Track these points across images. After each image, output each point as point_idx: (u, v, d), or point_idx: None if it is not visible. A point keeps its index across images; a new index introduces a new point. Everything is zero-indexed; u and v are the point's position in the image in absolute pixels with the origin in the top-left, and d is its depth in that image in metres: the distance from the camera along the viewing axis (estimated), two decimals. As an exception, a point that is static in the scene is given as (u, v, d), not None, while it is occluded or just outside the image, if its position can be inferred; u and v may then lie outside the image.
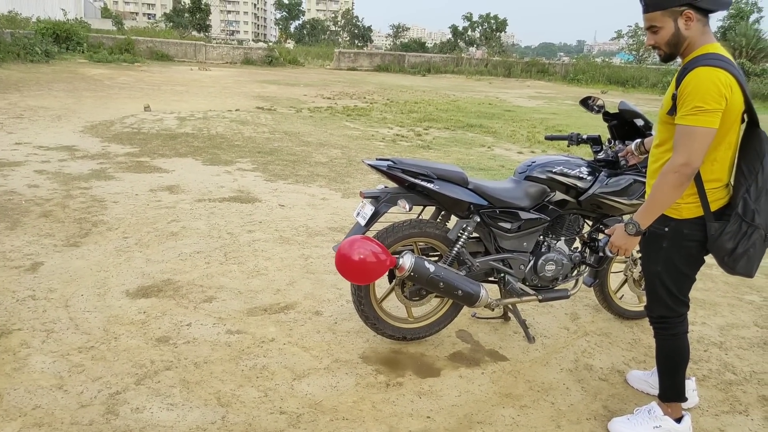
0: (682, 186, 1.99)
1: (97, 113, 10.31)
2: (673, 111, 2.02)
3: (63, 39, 22.57)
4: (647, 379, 2.73)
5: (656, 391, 2.49)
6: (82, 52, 22.69)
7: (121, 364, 2.65)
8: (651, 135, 2.95)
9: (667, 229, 2.15)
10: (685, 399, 2.38)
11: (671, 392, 2.35)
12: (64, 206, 4.92)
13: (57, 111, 10.23)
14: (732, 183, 2.13)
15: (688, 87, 1.95)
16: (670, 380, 2.34)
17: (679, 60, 2.11)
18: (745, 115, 2.03)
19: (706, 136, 1.93)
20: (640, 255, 3.26)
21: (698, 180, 2.06)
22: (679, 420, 2.35)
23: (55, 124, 8.91)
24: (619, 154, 2.97)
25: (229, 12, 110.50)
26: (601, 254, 3.12)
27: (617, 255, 2.30)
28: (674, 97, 2.01)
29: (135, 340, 2.87)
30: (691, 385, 2.52)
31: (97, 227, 4.45)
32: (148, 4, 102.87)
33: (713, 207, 2.08)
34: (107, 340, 2.85)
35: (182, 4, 51.13)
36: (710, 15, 2.03)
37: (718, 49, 2.00)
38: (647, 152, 2.80)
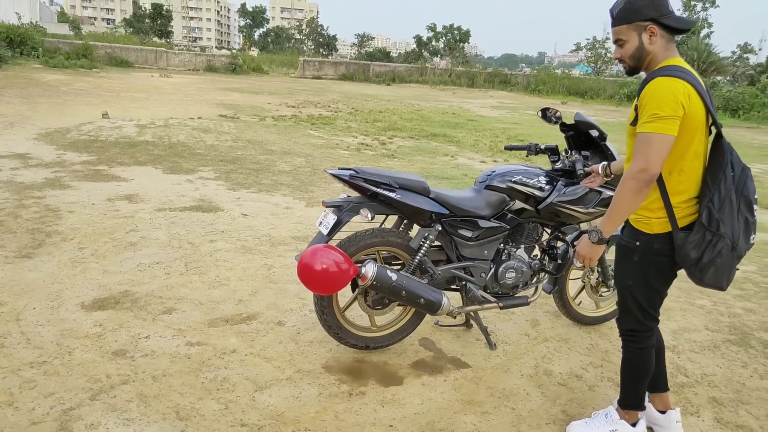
0: (641, 192, 2.01)
1: (52, 120, 10.01)
2: (635, 122, 2.06)
3: (17, 43, 21.90)
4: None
5: None
6: (38, 57, 22.04)
7: (75, 379, 2.57)
8: (606, 145, 3.04)
9: (638, 243, 2.18)
10: (643, 408, 2.44)
11: (632, 400, 2.41)
12: (16, 216, 4.75)
13: (9, 117, 9.89)
14: None
15: (646, 97, 2.00)
16: (632, 390, 2.40)
17: (643, 74, 2.18)
18: (713, 127, 2.08)
19: (662, 142, 1.96)
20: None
21: (663, 192, 2.09)
22: (634, 424, 2.41)
23: (7, 131, 8.61)
24: (585, 169, 3.00)
25: (191, 18, 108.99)
26: (560, 261, 3.19)
27: (584, 264, 2.28)
28: (636, 109, 2.07)
29: (90, 354, 2.79)
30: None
31: (51, 237, 4.31)
32: (107, 9, 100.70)
33: (683, 222, 2.10)
34: (60, 354, 2.76)
35: (143, 9, 50.19)
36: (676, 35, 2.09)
37: (681, 63, 2.06)
38: (611, 175, 2.85)
